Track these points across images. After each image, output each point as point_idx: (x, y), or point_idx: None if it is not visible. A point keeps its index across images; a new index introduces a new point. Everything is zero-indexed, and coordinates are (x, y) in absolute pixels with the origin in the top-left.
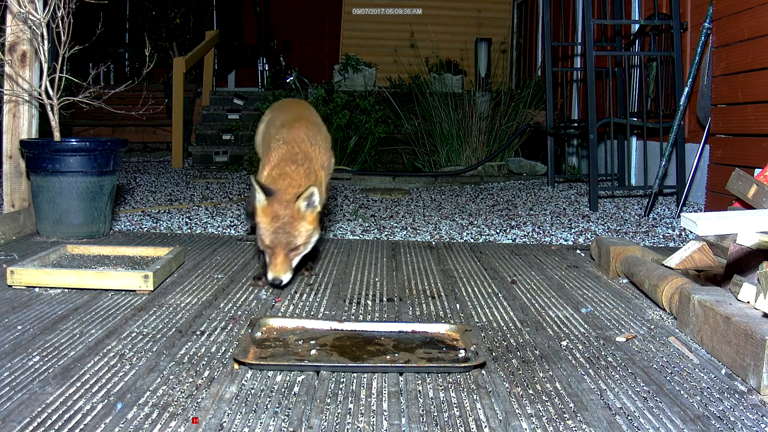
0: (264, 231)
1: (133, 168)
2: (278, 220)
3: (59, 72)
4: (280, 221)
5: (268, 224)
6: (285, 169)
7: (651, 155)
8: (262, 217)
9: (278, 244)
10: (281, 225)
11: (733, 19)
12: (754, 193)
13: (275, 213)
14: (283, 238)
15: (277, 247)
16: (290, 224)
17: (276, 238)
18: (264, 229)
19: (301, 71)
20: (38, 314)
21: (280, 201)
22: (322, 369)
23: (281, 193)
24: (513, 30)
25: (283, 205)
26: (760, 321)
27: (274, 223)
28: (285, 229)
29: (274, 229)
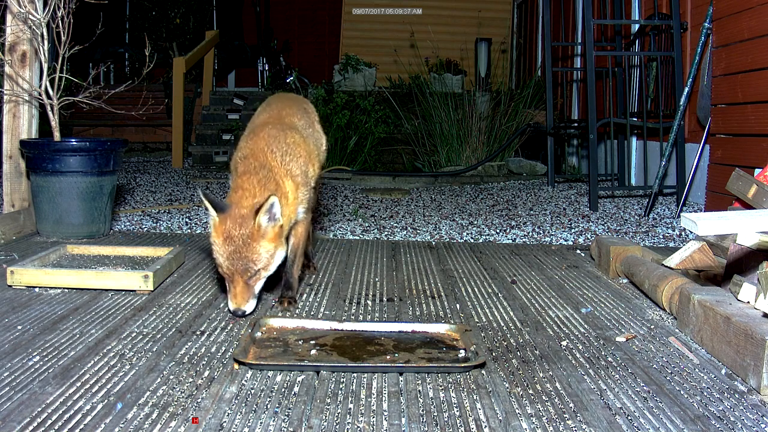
0: (218, 255)
1: (133, 168)
2: (232, 242)
3: (59, 72)
4: (235, 243)
5: (221, 246)
6: (238, 182)
7: (651, 155)
8: (214, 238)
9: (235, 271)
10: (236, 248)
11: (733, 19)
12: (754, 193)
13: (228, 233)
14: (240, 264)
15: (234, 275)
16: (247, 246)
17: (231, 264)
18: (217, 252)
19: (301, 71)
20: (38, 314)
21: (233, 218)
22: (322, 369)
23: (234, 207)
24: (513, 30)
25: (237, 223)
26: (760, 321)
27: (227, 245)
28: (241, 253)
29: (228, 254)
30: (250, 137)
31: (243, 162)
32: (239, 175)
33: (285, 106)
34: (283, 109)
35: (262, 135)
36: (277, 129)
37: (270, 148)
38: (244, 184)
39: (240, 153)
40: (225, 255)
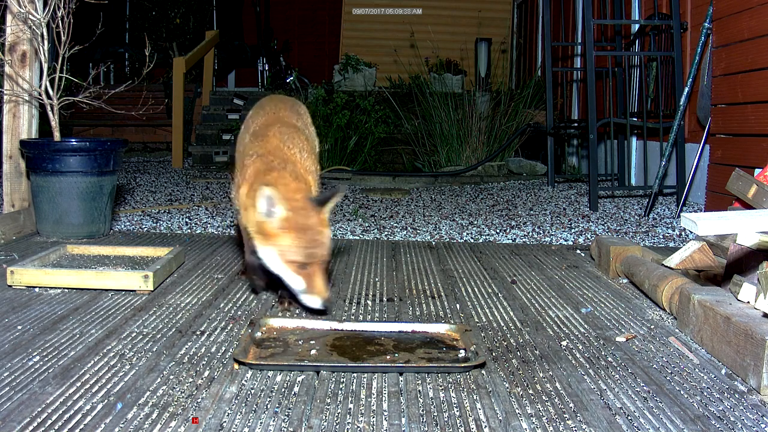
0: (294, 248)
1: (133, 168)
2: (308, 231)
3: (59, 72)
4: (310, 233)
5: (297, 238)
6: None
7: (651, 155)
8: (286, 232)
9: (315, 260)
10: (312, 237)
11: (733, 19)
12: (754, 193)
13: (302, 224)
14: (319, 251)
15: (315, 264)
16: (321, 234)
17: (314, 252)
18: (293, 245)
19: (301, 71)
20: (38, 314)
21: (297, 210)
22: (322, 369)
23: (290, 201)
24: (513, 30)
25: (303, 215)
26: (760, 321)
27: (304, 235)
28: (318, 240)
29: (306, 243)
30: (259, 137)
31: (260, 159)
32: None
33: (280, 108)
34: (279, 111)
35: (274, 133)
36: (286, 128)
37: (286, 144)
38: (279, 180)
39: (251, 151)
40: (304, 245)
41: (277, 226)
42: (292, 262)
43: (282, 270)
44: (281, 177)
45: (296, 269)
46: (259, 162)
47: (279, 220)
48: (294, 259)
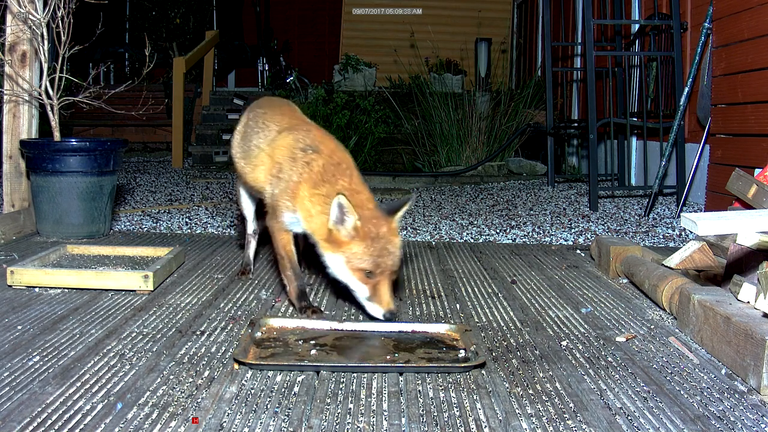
0: (364, 257)
1: (133, 168)
2: (378, 241)
3: (59, 72)
4: (380, 242)
5: (368, 247)
6: (340, 183)
7: (651, 155)
8: (356, 241)
9: (384, 270)
10: (383, 246)
11: (733, 19)
12: (754, 193)
13: (373, 233)
14: (389, 261)
15: (383, 274)
16: (392, 243)
17: (383, 262)
18: (364, 253)
19: (301, 71)
20: (38, 314)
21: (368, 219)
22: (322, 369)
23: (361, 210)
24: (513, 30)
25: (374, 224)
26: (760, 321)
27: (375, 244)
28: (388, 249)
29: (377, 252)
30: (305, 133)
31: (323, 159)
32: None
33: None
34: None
35: (324, 134)
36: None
37: (341, 147)
38: (351, 187)
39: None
40: (375, 254)
41: (347, 234)
42: (359, 270)
43: (348, 277)
44: (353, 183)
45: (362, 277)
46: (321, 162)
47: (350, 228)
48: (361, 267)
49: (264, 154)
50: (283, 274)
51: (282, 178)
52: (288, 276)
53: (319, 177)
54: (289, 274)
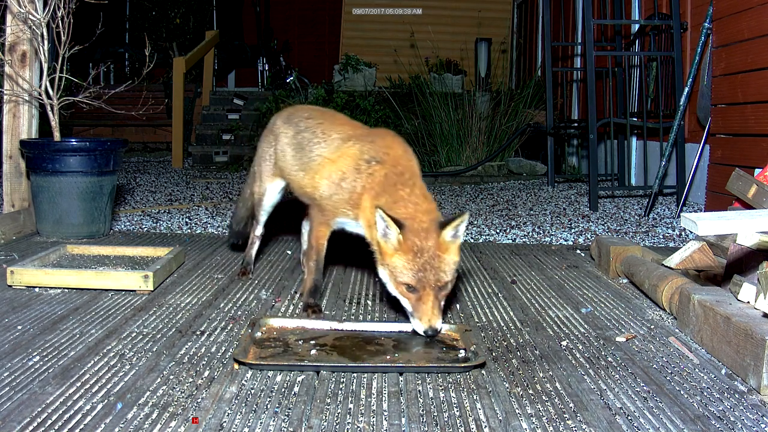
0: (406, 270)
1: (133, 168)
2: (422, 254)
3: (59, 72)
4: (425, 256)
5: (410, 261)
6: (399, 193)
7: (651, 155)
8: (399, 255)
9: (426, 284)
10: (427, 260)
11: (733, 19)
12: (754, 193)
13: (417, 247)
14: (432, 275)
15: (426, 288)
16: (437, 258)
17: (424, 276)
18: (405, 267)
19: (301, 71)
20: (38, 314)
21: (416, 232)
22: (322, 369)
23: (411, 222)
24: (513, 30)
25: (421, 237)
26: (760, 321)
27: (418, 258)
28: (432, 264)
29: (420, 266)
30: (368, 141)
31: (386, 168)
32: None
33: (344, 118)
34: (349, 120)
35: (391, 139)
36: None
37: (407, 155)
38: (410, 197)
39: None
40: (416, 268)
41: (391, 247)
42: (402, 284)
43: (393, 290)
44: (413, 194)
45: (404, 291)
46: (384, 172)
47: (393, 241)
48: (404, 281)
49: (327, 161)
50: (306, 262)
51: (344, 187)
52: (310, 266)
53: (381, 187)
54: (311, 265)
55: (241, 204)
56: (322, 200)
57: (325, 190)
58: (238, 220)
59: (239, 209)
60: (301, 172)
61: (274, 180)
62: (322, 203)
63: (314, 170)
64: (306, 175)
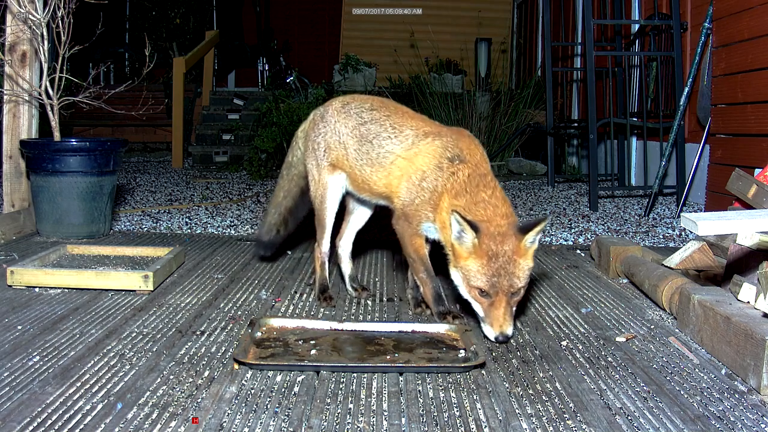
0: (480, 274)
1: (133, 168)
2: (497, 259)
3: (59, 72)
4: (499, 260)
5: (485, 265)
6: (480, 195)
7: (651, 155)
8: (473, 258)
9: (500, 289)
10: (501, 265)
11: (733, 19)
12: (754, 193)
13: (493, 251)
14: (505, 281)
15: (499, 293)
16: (512, 263)
17: (498, 281)
18: (479, 271)
19: (301, 71)
20: (38, 314)
21: (492, 235)
22: (322, 369)
23: (488, 225)
24: (513, 30)
25: (498, 241)
26: (760, 321)
27: (493, 262)
28: (507, 269)
29: (494, 271)
30: (448, 139)
31: (469, 168)
32: (477, 188)
33: (411, 111)
34: (416, 113)
35: (470, 138)
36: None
37: (485, 156)
38: (491, 200)
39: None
40: (490, 273)
41: (466, 250)
42: (475, 288)
43: (465, 294)
44: (494, 197)
45: (477, 296)
46: (467, 172)
47: (468, 244)
48: (477, 285)
49: (401, 159)
50: (417, 276)
51: (425, 187)
52: (422, 278)
53: (462, 188)
54: (423, 277)
55: (273, 209)
56: (405, 207)
57: (405, 196)
58: (268, 227)
59: (269, 215)
60: (368, 167)
61: (335, 172)
62: (406, 211)
63: (386, 169)
64: (374, 171)
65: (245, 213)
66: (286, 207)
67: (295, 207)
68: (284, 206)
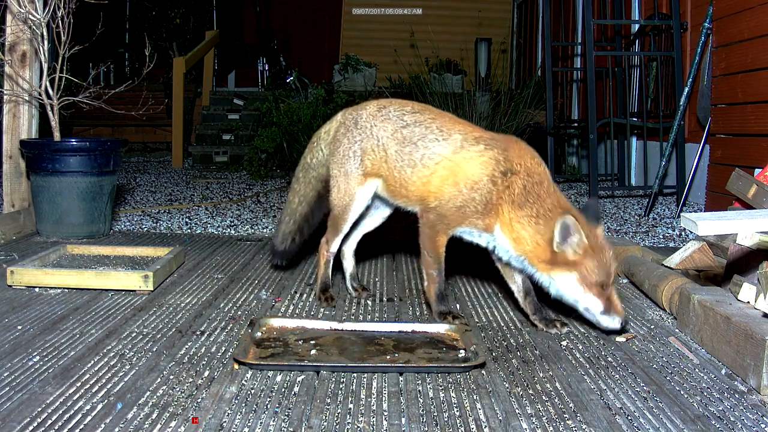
0: (597, 269)
1: (133, 168)
2: (604, 251)
3: (59, 72)
4: (605, 252)
5: (601, 260)
6: (547, 202)
7: (651, 155)
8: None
9: (611, 281)
10: (607, 256)
11: (733, 19)
12: (754, 193)
13: (598, 245)
14: (613, 269)
15: (611, 286)
16: (609, 250)
17: (612, 271)
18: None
19: (301, 71)
20: (38, 314)
21: (590, 235)
22: (322, 369)
23: (583, 227)
24: (513, 30)
25: (594, 235)
26: (760, 321)
27: (604, 256)
28: (610, 257)
29: (608, 262)
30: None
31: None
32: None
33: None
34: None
35: (520, 146)
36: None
37: (537, 161)
38: (560, 203)
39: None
40: (608, 264)
41: (575, 251)
42: (595, 284)
43: (581, 294)
44: (561, 201)
45: (599, 292)
46: (521, 183)
47: (577, 245)
48: (598, 281)
49: (448, 161)
50: (426, 270)
51: (477, 199)
52: (431, 274)
53: (523, 199)
54: (432, 273)
55: (287, 217)
56: (444, 207)
57: (448, 198)
58: (283, 236)
59: (283, 223)
60: (409, 168)
61: (366, 181)
62: (444, 211)
63: (430, 170)
64: (415, 172)
65: (245, 213)
66: (302, 214)
67: (311, 213)
68: (300, 213)
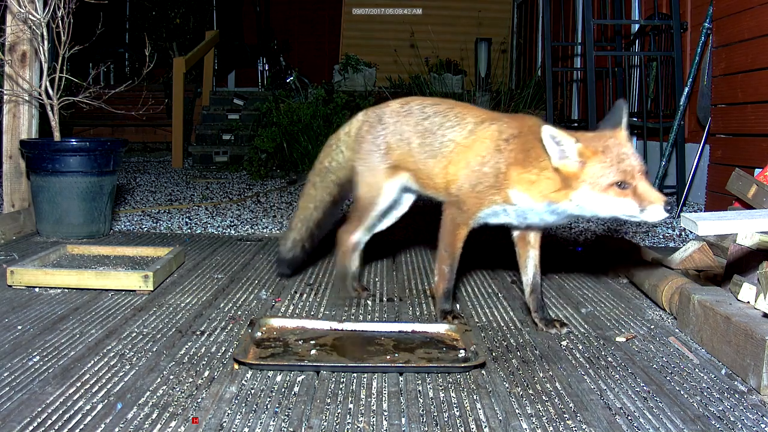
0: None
1: (133, 168)
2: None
3: (59, 72)
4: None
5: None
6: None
7: (651, 155)
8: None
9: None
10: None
11: (733, 19)
12: (754, 193)
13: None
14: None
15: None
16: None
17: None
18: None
19: (301, 71)
20: (38, 314)
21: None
22: (322, 369)
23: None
24: (513, 30)
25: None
26: (760, 321)
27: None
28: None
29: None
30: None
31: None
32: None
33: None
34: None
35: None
36: None
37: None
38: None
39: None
40: (616, 160)
41: (575, 161)
42: (609, 186)
43: (605, 204)
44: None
45: (618, 192)
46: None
47: (574, 154)
48: (610, 181)
49: (461, 148)
50: (439, 266)
51: (487, 171)
52: (443, 271)
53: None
54: (445, 270)
55: (299, 223)
56: (462, 194)
57: (464, 182)
58: (293, 243)
59: (295, 230)
60: (431, 159)
61: (393, 175)
62: (462, 198)
63: (446, 158)
64: (437, 162)
65: (245, 213)
66: (315, 220)
67: (324, 219)
68: (313, 219)
